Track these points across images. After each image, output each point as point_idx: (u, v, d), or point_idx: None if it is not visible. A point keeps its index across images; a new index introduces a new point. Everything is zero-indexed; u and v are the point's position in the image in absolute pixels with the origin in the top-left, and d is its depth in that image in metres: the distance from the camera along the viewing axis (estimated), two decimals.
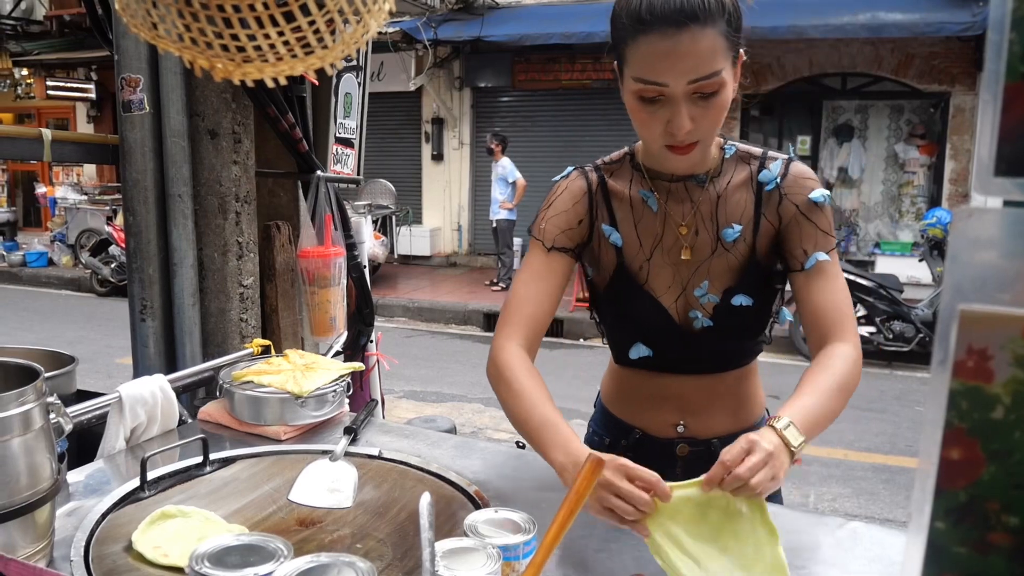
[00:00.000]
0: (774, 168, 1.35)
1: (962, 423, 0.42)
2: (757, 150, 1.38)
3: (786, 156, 1.37)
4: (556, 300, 1.39)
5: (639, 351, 1.41)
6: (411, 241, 12.28)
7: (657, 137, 1.23)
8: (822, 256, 1.31)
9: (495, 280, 10.27)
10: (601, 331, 1.53)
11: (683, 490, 1.07)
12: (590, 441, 1.58)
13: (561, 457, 1.15)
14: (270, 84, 0.77)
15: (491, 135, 10.12)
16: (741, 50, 1.22)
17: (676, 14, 1.13)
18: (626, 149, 1.43)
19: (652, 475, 1.06)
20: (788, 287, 1.41)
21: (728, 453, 1.05)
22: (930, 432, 0.43)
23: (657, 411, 1.47)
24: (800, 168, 1.36)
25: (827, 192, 1.34)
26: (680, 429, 1.45)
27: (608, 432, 1.54)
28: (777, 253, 1.38)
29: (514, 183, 9.84)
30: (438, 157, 12.43)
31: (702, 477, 1.06)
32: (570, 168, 1.46)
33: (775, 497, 1.43)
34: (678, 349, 1.41)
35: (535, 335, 1.36)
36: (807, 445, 1.14)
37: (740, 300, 1.35)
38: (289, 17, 0.70)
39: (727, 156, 1.37)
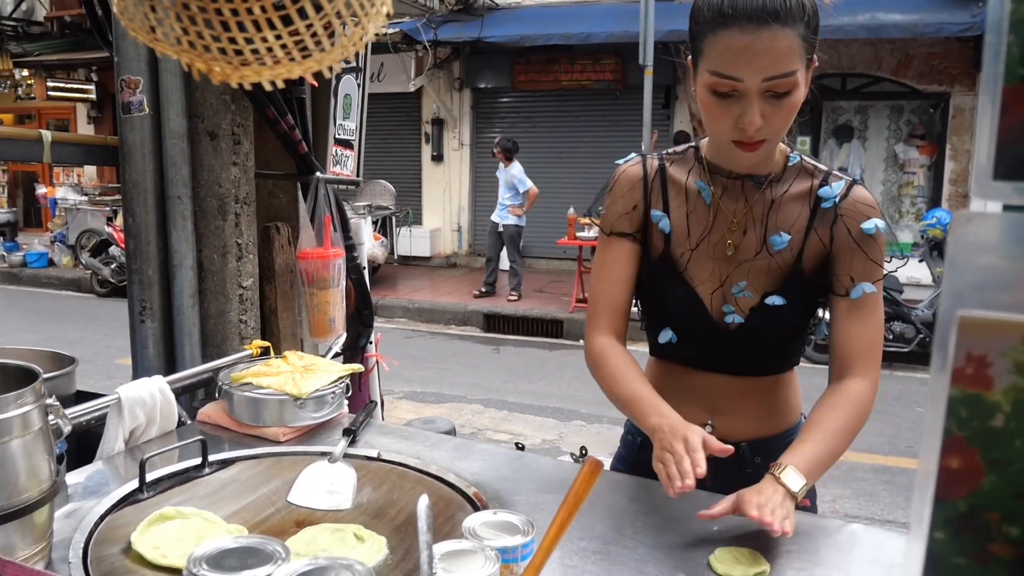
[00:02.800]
0: (836, 187, 1.36)
1: (961, 431, 0.42)
2: (822, 167, 1.40)
3: (850, 178, 1.38)
4: (629, 283, 1.45)
5: (666, 335, 1.45)
6: (411, 242, 12.26)
7: (726, 131, 1.26)
8: (868, 288, 1.33)
9: (481, 290, 9.72)
10: (641, 322, 1.56)
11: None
12: (624, 440, 1.63)
13: (655, 420, 1.26)
14: (268, 87, 0.77)
15: (497, 143, 9.69)
16: (815, 55, 1.25)
17: (758, 11, 1.16)
18: (691, 143, 1.47)
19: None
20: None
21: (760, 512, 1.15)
22: (929, 440, 0.43)
23: (686, 408, 1.46)
24: (861, 193, 1.36)
25: (881, 222, 1.34)
26: (708, 429, 1.45)
27: (640, 431, 1.55)
28: (823, 271, 1.38)
29: (526, 192, 9.54)
30: (438, 158, 12.42)
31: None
32: (634, 154, 1.51)
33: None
34: (708, 343, 1.43)
35: (619, 321, 1.45)
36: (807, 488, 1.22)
37: (774, 300, 1.37)
38: (287, 20, 0.70)
39: (790, 164, 1.39)
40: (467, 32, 10.86)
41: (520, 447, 3.13)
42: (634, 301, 1.54)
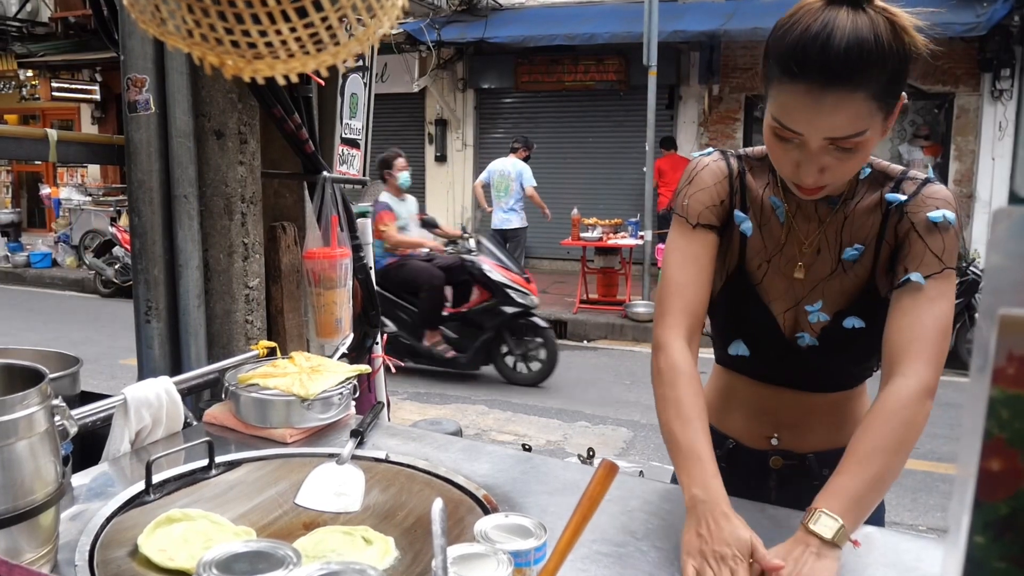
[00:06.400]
0: (908, 189, 1.28)
1: (1002, 433, 0.40)
2: (896, 169, 1.31)
3: (924, 177, 1.29)
4: (711, 280, 1.34)
5: (737, 348, 1.38)
6: None
7: (785, 172, 1.21)
8: (916, 277, 1.21)
9: None
10: (704, 327, 1.49)
11: None
12: None
13: (699, 493, 1.13)
14: (281, 82, 0.76)
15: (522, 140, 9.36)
16: (903, 93, 1.16)
17: (826, 72, 1.07)
18: None
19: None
20: None
21: None
22: (969, 442, 0.41)
23: (752, 421, 1.44)
24: (933, 189, 1.27)
25: (951, 214, 1.23)
26: (774, 442, 1.43)
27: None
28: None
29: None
30: (441, 158, 12.42)
31: None
32: (712, 150, 1.42)
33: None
34: (779, 361, 1.37)
35: (697, 323, 1.32)
36: (857, 526, 1.11)
37: (852, 323, 1.30)
38: (301, 13, 0.69)
39: (861, 178, 1.31)
40: (471, 33, 10.87)
41: (527, 448, 3.11)
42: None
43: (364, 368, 1.77)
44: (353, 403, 1.69)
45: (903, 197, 1.27)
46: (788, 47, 1.10)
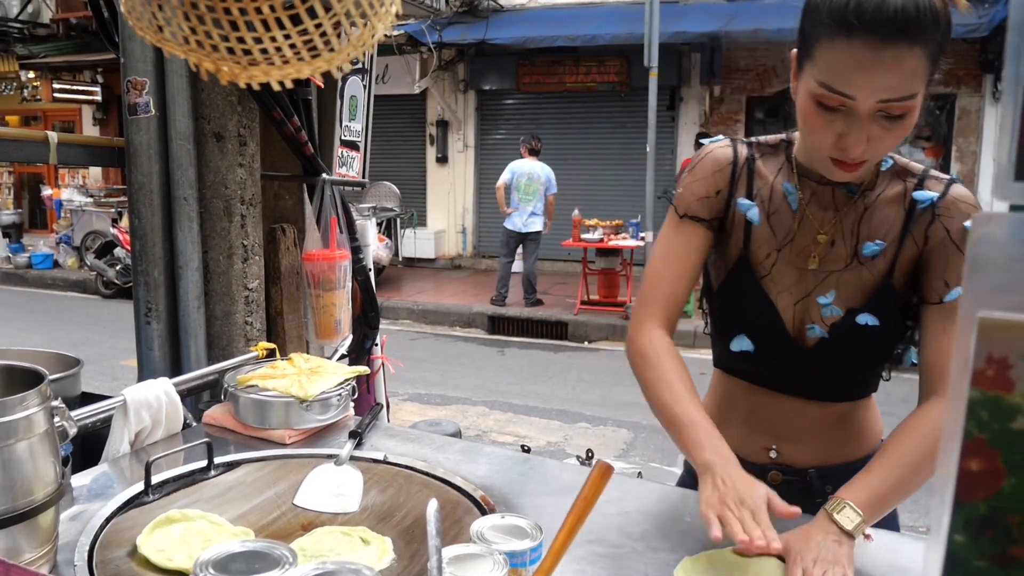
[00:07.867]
0: (933, 187, 1.24)
1: (982, 433, 0.41)
2: (917, 167, 1.28)
3: (948, 177, 1.26)
4: (694, 274, 1.32)
5: (741, 343, 1.32)
6: (415, 244, 12.27)
7: (825, 147, 1.14)
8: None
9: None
10: (706, 325, 1.44)
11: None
12: (687, 466, 1.50)
13: (710, 456, 1.14)
14: (276, 87, 0.76)
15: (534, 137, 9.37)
16: (939, 71, 1.12)
17: (887, 25, 1.02)
18: (783, 136, 1.34)
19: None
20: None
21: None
22: (948, 442, 0.42)
23: (750, 430, 1.38)
24: (961, 191, 1.23)
25: None
26: (772, 454, 1.37)
27: None
28: (915, 284, 1.26)
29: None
30: (442, 160, 12.43)
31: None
32: (721, 137, 1.38)
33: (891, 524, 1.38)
34: (783, 360, 1.31)
35: (674, 314, 1.31)
36: (872, 522, 1.13)
37: (866, 320, 1.24)
38: (296, 20, 0.70)
39: (883, 169, 1.27)
40: (472, 34, 10.88)
41: (526, 450, 3.12)
42: (701, 304, 1.44)
43: (363, 369, 1.77)
44: (352, 404, 1.70)
45: (934, 195, 1.23)
46: (843, 1, 1.05)
